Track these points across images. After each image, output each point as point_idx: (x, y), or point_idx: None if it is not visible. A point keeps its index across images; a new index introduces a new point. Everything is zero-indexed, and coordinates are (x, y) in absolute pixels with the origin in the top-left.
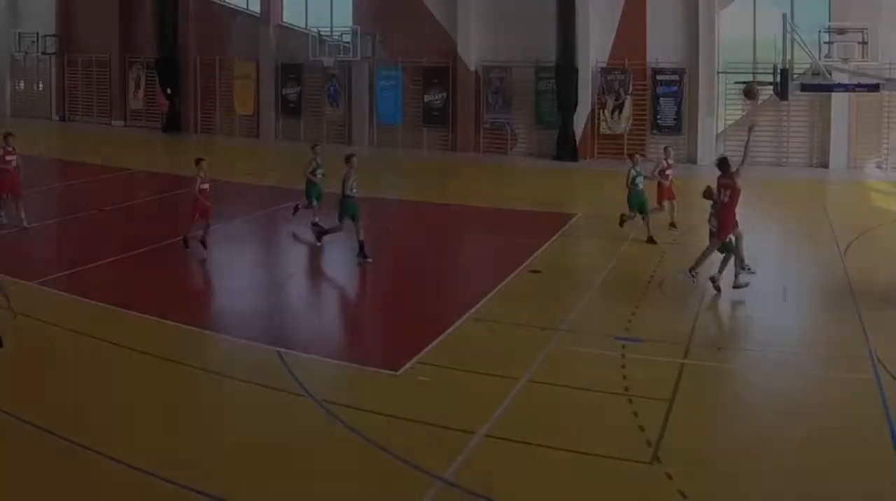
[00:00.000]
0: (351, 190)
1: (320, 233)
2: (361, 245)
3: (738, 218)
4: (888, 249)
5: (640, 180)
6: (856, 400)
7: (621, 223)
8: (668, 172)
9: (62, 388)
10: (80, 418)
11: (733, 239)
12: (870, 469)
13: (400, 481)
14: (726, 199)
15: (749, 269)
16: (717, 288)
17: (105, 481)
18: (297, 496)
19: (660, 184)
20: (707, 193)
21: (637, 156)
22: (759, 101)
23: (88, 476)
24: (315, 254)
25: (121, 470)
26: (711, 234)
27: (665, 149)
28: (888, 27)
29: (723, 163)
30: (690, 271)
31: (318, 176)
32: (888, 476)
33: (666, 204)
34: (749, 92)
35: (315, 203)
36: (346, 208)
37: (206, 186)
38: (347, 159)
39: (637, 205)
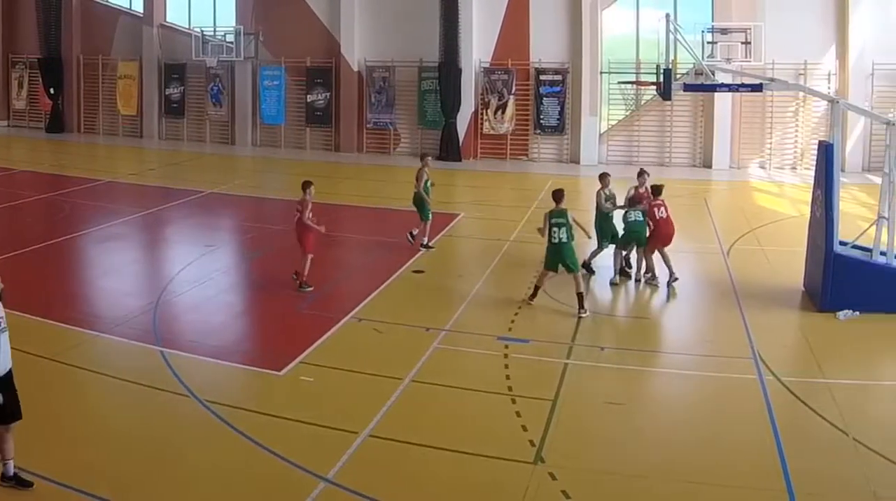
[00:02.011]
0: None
1: (533, 292)
2: (580, 298)
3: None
4: (771, 250)
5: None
6: (740, 400)
7: (587, 266)
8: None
9: None
10: None
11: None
12: (754, 469)
13: (283, 481)
14: (665, 215)
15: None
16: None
17: None
18: (181, 496)
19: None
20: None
21: (608, 176)
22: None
23: None
24: (201, 255)
25: None
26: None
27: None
28: (771, 27)
29: (657, 189)
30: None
31: (429, 189)
32: (772, 475)
33: None
34: None
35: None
36: (567, 254)
37: (310, 214)
38: (558, 195)
39: (633, 236)
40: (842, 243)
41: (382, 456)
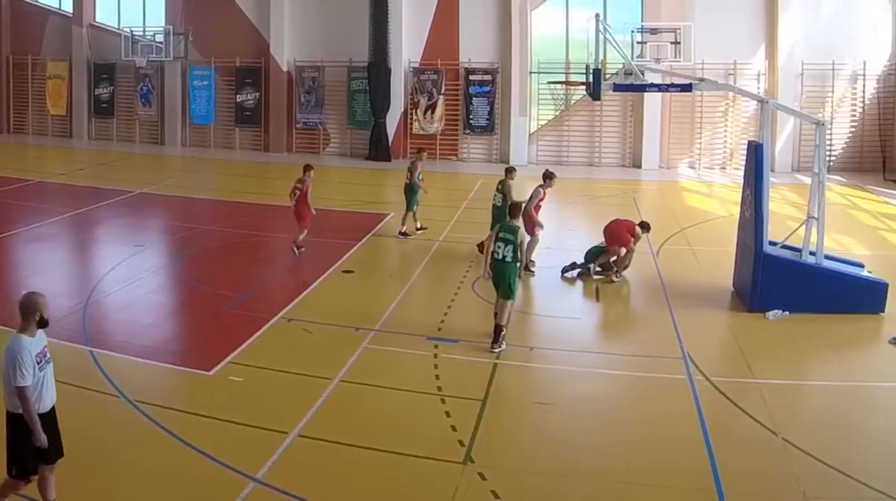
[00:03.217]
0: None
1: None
2: (497, 330)
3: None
4: (701, 250)
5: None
6: (669, 400)
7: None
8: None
9: None
10: None
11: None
12: (684, 469)
13: (213, 481)
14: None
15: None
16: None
17: None
18: (110, 496)
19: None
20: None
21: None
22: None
23: None
24: (131, 255)
25: None
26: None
27: None
28: (700, 27)
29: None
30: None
31: (418, 183)
32: (701, 475)
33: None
34: None
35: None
36: (509, 276)
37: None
38: (514, 210)
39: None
40: (771, 243)
41: (312, 456)
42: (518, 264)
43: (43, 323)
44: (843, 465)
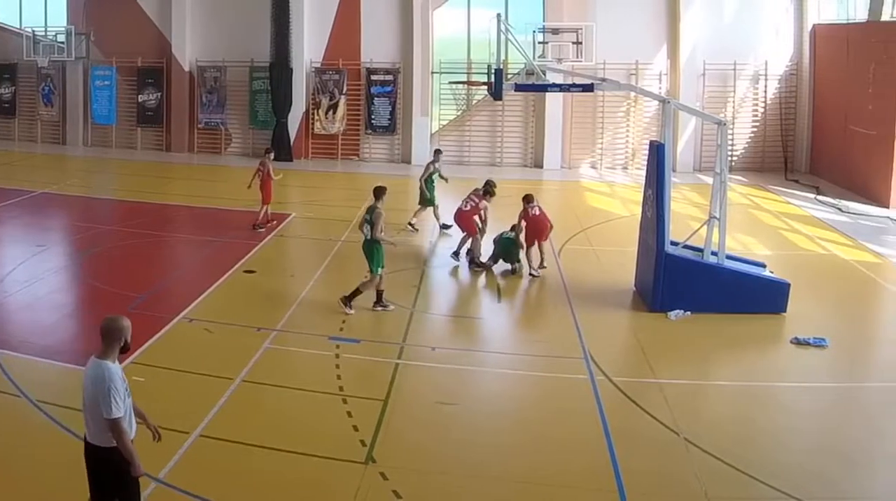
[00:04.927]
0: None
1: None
2: (354, 294)
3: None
4: (602, 250)
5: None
6: (571, 400)
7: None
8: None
9: None
10: None
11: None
12: (586, 469)
13: None
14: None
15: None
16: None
17: None
18: (11, 496)
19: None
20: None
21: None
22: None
23: None
24: (32, 255)
25: None
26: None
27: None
28: (602, 27)
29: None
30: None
31: (435, 180)
32: (603, 475)
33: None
34: None
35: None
36: (365, 251)
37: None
38: (376, 192)
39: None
40: (673, 243)
41: (214, 456)
42: (375, 241)
43: (125, 348)
44: (744, 464)
